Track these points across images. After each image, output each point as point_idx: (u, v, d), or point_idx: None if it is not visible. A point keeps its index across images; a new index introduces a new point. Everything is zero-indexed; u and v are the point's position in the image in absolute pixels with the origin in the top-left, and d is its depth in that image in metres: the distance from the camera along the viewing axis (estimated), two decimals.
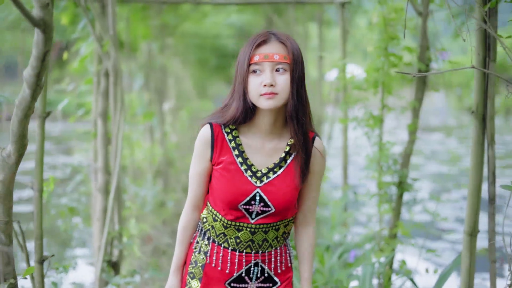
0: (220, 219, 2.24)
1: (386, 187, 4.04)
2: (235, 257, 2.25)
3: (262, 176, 2.20)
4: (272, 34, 2.16)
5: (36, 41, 1.68)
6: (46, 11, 1.62)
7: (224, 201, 2.19)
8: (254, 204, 2.19)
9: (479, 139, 3.08)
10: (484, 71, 2.90)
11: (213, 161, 2.22)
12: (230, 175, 2.19)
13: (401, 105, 4.17)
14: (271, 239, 2.27)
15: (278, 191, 2.20)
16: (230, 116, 2.17)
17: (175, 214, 7.68)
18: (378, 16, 3.99)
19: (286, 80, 2.09)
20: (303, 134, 2.18)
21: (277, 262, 2.31)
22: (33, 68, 1.73)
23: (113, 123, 4.15)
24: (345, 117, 4.93)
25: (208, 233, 2.29)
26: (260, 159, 2.22)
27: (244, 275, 2.27)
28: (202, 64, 16.46)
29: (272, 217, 2.22)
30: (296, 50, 2.14)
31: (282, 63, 2.09)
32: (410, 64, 4.00)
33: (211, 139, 2.20)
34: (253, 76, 2.10)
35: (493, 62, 3.03)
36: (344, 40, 5.24)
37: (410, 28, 4.13)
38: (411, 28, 4.13)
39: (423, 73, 2.88)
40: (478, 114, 3.07)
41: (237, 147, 2.21)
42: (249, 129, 2.23)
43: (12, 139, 1.97)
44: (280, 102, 2.09)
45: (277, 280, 2.32)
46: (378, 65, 3.97)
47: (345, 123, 4.69)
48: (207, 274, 2.27)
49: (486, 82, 3.06)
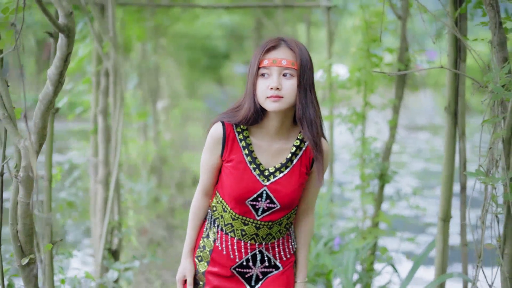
0: (229, 211, 2.38)
1: (368, 179, 4.34)
2: (241, 246, 2.39)
3: (269, 175, 2.34)
4: (282, 40, 2.28)
5: (60, 44, 1.95)
6: (69, 19, 1.90)
7: (232, 196, 2.34)
8: (260, 200, 2.33)
9: (451, 133, 3.38)
10: (453, 71, 3.19)
11: (223, 158, 2.35)
12: (239, 173, 2.32)
13: (383, 102, 4.47)
14: (274, 233, 2.42)
15: (283, 190, 2.34)
16: (242, 116, 2.28)
17: (169, 209, 7.97)
18: (361, 19, 4.29)
19: (292, 85, 2.21)
20: (317, 135, 2.29)
21: (280, 250, 2.45)
22: (57, 67, 2.00)
23: (113, 119, 4.42)
24: (331, 114, 5.22)
25: (217, 221, 2.43)
26: (268, 158, 2.36)
27: (249, 261, 2.42)
28: (192, 64, 16.63)
29: (277, 213, 2.36)
30: (305, 57, 2.25)
31: (290, 69, 2.21)
32: (390, 64, 4.29)
33: (222, 138, 2.32)
34: (261, 79, 2.23)
35: (463, 63, 3.34)
36: (330, 41, 5.53)
37: (391, 31, 4.43)
38: (391, 31, 4.42)
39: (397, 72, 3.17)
40: (450, 110, 3.37)
41: (247, 147, 2.33)
42: (258, 130, 2.35)
43: (34, 130, 2.23)
44: (284, 105, 2.21)
45: (280, 265, 2.46)
46: (360, 65, 4.26)
47: (331, 119, 4.98)
48: (214, 259, 2.42)
49: (457, 81, 3.36)
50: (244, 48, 17.41)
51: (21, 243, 2.38)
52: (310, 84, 2.26)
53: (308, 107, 2.24)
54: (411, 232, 6.52)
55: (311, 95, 2.25)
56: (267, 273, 2.46)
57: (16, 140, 2.28)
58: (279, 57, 2.23)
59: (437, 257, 3.46)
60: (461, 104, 3.37)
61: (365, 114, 4.39)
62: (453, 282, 4.24)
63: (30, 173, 2.33)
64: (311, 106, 2.24)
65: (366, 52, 4.23)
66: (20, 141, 2.27)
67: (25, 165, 2.29)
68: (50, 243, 3.10)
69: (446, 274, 3.39)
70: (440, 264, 3.46)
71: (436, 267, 3.47)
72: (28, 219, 2.37)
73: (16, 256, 2.39)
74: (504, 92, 2.44)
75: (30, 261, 2.40)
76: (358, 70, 4.30)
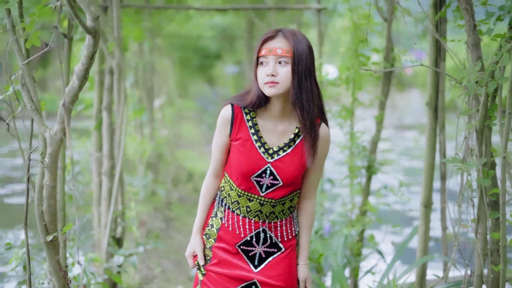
0: (235, 189, 2.56)
1: (356, 170, 4.64)
2: (246, 223, 2.56)
3: (273, 153, 2.53)
4: (280, 31, 2.46)
5: (87, 44, 2.23)
6: (96, 22, 2.18)
7: (239, 172, 2.52)
8: (264, 177, 2.51)
9: (432, 126, 3.70)
10: (433, 69, 3.50)
11: (231, 137, 2.55)
12: (246, 150, 2.52)
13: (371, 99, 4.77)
14: (277, 212, 2.57)
15: (286, 167, 2.51)
16: (249, 100, 2.49)
17: (166, 203, 8.27)
18: (349, 21, 4.59)
19: (287, 72, 2.40)
20: (309, 120, 2.45)
21: (282, 231, 2.60)
22: (83, 64, 2.28)
23: (116, 115, 4.70)
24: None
25: (225, 200, 2.61)
26: (273, 138, 2.54)
27: (253, 238, 2.57)
28: (184, 64, 16.86)
29: (279, 190, 2.53)
30: (301, 45, 2.41)
31: (284, 57, 2.40)
32: (377, 63, 4.59)
33: (231, 118, 2.53)
34: (260, 67, 2.44)
35: (443, 62, 3.65)
36: (320, 42, 5.83)
37: (378, 32, 4.73)
38: (378, 32, 4.73)
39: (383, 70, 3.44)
40: (431, 106, 3.68)
41: (253, 127, 2.53)
42: (264, 113, 2.54)
43: (59, 121, 2.50)
44: (280, 90, 2.41)
45: (282, 246, 2.61)
46: (349, 64, 4.56)
47: None
48: (220, 237, 2.60)
49: (438, 79, 3.67)
50: (235, 48, 17.65)
51: (46, 222, 2.66)
52: (306, 71, 2.41)
53: (302, 93, 2.41)
54: (399, 224, 6.81)
55: (306, 82, 2.41)
56: (269, 253, 2.60)
57: (42, 129, 2.56)
58: (275, 46, 2.42)
59: (419, 241, 3.76)
60: (441, 100, 3.68)
61: (354, 110, 4.69)
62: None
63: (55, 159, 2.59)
64: (305, 92, 2.41)
65: (354, 52, 4.52)
66: (46, 130, 2.54)
67: (50, 152, 2.56)
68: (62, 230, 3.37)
69: (427, 256, 3.70)
70: (422, 247, 3.76)
71: (419, 250, 3.78)
72: (52, 200, 2.65)
73: (42, 233, 2.66)
74: (477, 88, 2.75)
75: (54, 238, 2.68)
76: (347, 69, 4.59)
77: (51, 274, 2.73)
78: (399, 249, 4.07)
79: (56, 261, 2.72)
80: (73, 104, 2.47)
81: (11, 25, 2.54)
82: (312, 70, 2.45)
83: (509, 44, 2.61)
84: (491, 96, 2.83)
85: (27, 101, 2.57)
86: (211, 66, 20.20)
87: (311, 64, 2.45)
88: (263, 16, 9.27)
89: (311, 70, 2.44)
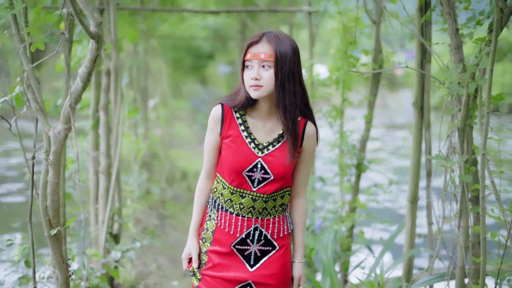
0: (228, 187, 2.63)
1: (346, 168, 4.79)
2: (239, 221, 2.62)
3: (263, 148, 2.60)
4: (264, 35, 2.54)
5: (91, 48, 2.37)
6: (99, 28, 2.32)
7: (231, 168, 2.60)
8: (256, 171, 2.59)
9: (418, 125, 3.85)
10: (418, 71, 3.65)
11: (222, 135, 2.63)
12: (237, 146, 2.60)
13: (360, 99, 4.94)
14: (269, 208, 2.64)
15: (276, 161, 2.59)
16: (238, 100, 2.59)
17: (160, 201, 8.42)
18: (339, 23, 4.75)
19: (270, 76, 2.48)
20: (291, 120, 2.53)
21: (275, 228, 2.66)
22: (87, 67, 2.42)
23: (113, 114, 4.84)
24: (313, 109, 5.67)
25: (218, 200, 2.67)
26: (262, 135, 2.62)
27: (246, 238, 2.63)
28: (177, 64, 16.96)
29: (271, 185, 2.60)
30: (284, 49, 2.49)
31: (267, 61, 2.48)
32: (365, 64, 4.74)
33: (221, 117, 2.62)
34: (246, 71, 2.54)
35: (428, 63, 3.80)
36: (311, 43, 5.98)
37: (366, 34, 4.89)
38: (367, 34, 4.89)
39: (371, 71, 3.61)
40: (417, 105, 3.83)
41: (243, 124, 2.62)
42: (253, 112, 2.63)
43: (62, 120, 2.64)
44: (264, 93, 2.51)
45: (276, 244, 2.67)
46: (339, 65, 4.72)
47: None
48: (216, 238, 2.66)
49: (423, 80, 3.82)
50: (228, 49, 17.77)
51: (50, 216, 2.79)
52: (289, 74, 2.50)
53: (284, 95, 2.50)
54: (388, 222, 6.98)
55: (289, 84, 2.50)
56: (264, 252, 2.66)
57: (46, 128, 2.69)
58: (259, 51, 2.50)
59: (406, 235, 3.92)
60: (426, 99, 3.84)
61: (343, 109, 4.85)
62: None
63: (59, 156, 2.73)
64: (287, 94, 2.50)
65: (344, 54, 4.68)
66: (50, 129, 2.68)
67: (54, 150, 2.70)
68: (63, 226, 3.51)
69: (413, 250, 3.85)
70: (409, 241, 3.92)
71: (405, 244, 3.93)
72: (56, 196, 2.79)
73: (46, 227, 2.79)
74: (458, 88, 2.90)
75: (58, 232, 2.82)
76: (337, 70, 4.75)
77: (55, 267, 2.87)
78: (386, 243, 4.22)
79: (59, 254, 2.85)
80: (76, 104, 2.61)
81: (17, 29, 2.67)
82: (296, 72, 2.53)
83: (488, 47, 2.76)
84: (472, 96, 2.99)
85: (32, 101, 2.70)
86: (204, 66, 20.32)
87: (295, 66, 2.53)
88: (256, 18, 9.42)
89: (295, 72, 2.53)
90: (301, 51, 2.67)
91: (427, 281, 3.40)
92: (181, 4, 9.71)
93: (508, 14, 2.72)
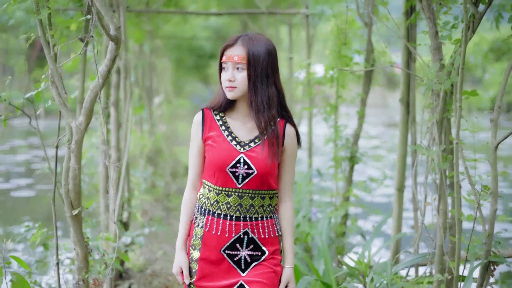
0: (213, 188, 2.65)
1: (340, 160, 5.15)
2: (226, 225, 2.63)
3: (245, 145, 2.64)
4: (239, 38, 2.62)
5: (110, 49, 2.72)
6: (118, 32, 2.67)
7: (214, 165, 2.63)
8: (239, 167, 2.61)
9: (404, 119, 4.20)
10: (403, 70, 4.00)
11: (203, 138, 2.69)
12: (218, 144, 2.64)
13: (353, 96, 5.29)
14: (257, 206, 2.65)
15: (258, 156, 2.61)
16: (216, 102, 2.71)
17: (165, 194, 8.81)
18: (333, 26, 5.09)
19: (243, 77, 2.57)
20: (263, 120, 2.60)
21: (264, 232, 2.67)
22: (107, 66, 2.77)
23: (123, 110, 5.19)
24: (310, 106, 6.02)
25: (204, 205, 2.69)
26: (243, 133, 2.67)
27: (236, 242, 2.64)
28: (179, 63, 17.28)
29: (255, 180, 2.62)
30: (258, 52, 2.57)
31: (240, 63, 2.57)
32: (358, 64, 5.09)
33: (201, 121, 2.70)
34: (223, 72, 2.64)
35: (413, 63, 4.14)
36: (308, 44, 6.33)
37: (359, 36, 5.24)
38: (360, 36, 5.23)
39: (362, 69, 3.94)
40: (403, 101, 4.17)
41: (224, 124, 2.68)
42: (232, 113, 2.71)
43: (84, 113, 2.98)
44: (238, 93, 2.60)
45: (265, 249, 2.68)
46: (333, 64, 5.06)
47: (309, 110, 5.80)
48: (205, 244, 2.66)
49: (409, 78, 4.16)
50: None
51: (71, 199, 3.15)
52: (262, 75, 2.58)
53: (257, 96, 2.58)
54: (381, 214, 7.34)
55: (261, 85, 2.58)
56: (254, 257, 2.67)
57: (69, 120, 3.04)
58: (232, 53, 2.59)
59: (394, 220, 4.27)
60: (412, 96, 4.18)
61: (338, 106, 5.20)
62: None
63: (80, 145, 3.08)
64: (260, 95, 2.58)
65: (338, 54, 5.02)
66: (72, 121, 3.03)
67: (76, 139, 3.05)
68: (79, 211, 3.85)
69: (400, 233, 4.20)
70: (396, 226, 4.27)
71: (393, 228, 4.28)
72: (77, 180, 3.14)
73: (68, 209, 3.14)
74: (435, 84, 3.25)
75: (78, 213, 3.17)
76: (331, 68, 5.10)
77: (75, 244, 3.22)
78: (376, 228, 4.57)
79: (80, 232, 3.20)
80: (95, 99, 2.96)
81: (42, 32, 3.02)
82: (270, 73, 2.61)
83: (460, 48, 3.09)
84: (449, 92, 3.33)
85: (56, 96, 3.05)
86: (205, 65, 20.58)
87: (270, 68, 2.60)
88: (256, 19, 9.75)
89: (269, 74, 2.60)
90: (299, 51, 2.96)
91: (411, 261, 3.73)
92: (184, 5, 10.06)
93: (479, 19, 3.05)
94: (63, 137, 3.17)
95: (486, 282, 3.12)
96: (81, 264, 3.23)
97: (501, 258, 3.04)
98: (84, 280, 3.21)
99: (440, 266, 3.43)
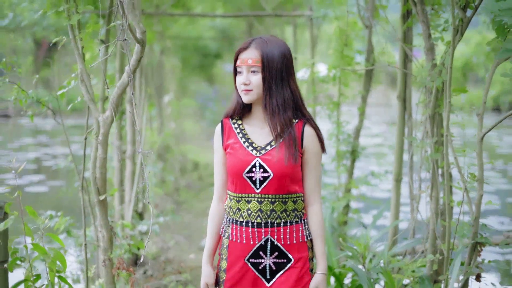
0: (234, 196, 2.66)
1: (342, 154, 5.48)
2: (249, 233, 2.61)
3: (261, 149, 2.62)
4: (253, 41, 2.62)
5: (137, 51, 3.05)
6: (143, 35, 3.00)
7: (232, 173, 2.64)
8: (255, 171, 2.59)
9: (401, 115, 4.51)
10: (400, 69, 4.32)
11: (224, 147, 2.71)
12: (235, 151, 2.65)
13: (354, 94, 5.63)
14: (279, 211, 2.62)
15: (273, 158, 2.58)
16: (232, 108, 2.73)
17: (175, 189, 9.19)
18: (336, 27, 5.43)
19: (258, 80, 2.58)
20: (279, 122, 2.59)
21: (286, 238, 2.62)
22: (133, 65, 3.10)
23: (138, 107, 5.53)
24: (314, 103, 6.36)
25: (228, 215, 2.70)
26: (259, 138, 2.66)
27: (259, 250, 2.62)
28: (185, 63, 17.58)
29: (273, 183, 2.58)
30: (272, 54, 2.57)
31: (255, 66, 2.57)
32: (359, 63, 5.42)
33: (221, 131, 2.73)
34: (238, 76, 2.65)
35: (410, 62, 4.46)
36: (313, 44, 6.66)
37: (361, 37, 5.58)
38: (361, 37, 5.57)
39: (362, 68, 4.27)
40: (400, 98, 4.49)
41: (241, 131, 2.70)
42: (249, 119, 2.72)
43: (110, 107, 3.32)
44: (254, 96, 2.60)
45: (291, 257, 2.63)
46: (336, 64, 5.40)
47: (313, 107, 6.13)
48: (231, 253, 2.66)
49: (406, 76, 4.48)
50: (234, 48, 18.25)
51: (98, 186, 3.48)
52: (277, 77, 2.58)
53: (272, 98, 2.58)
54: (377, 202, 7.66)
55: (276, 87, 2.58)
56: (279, 265, 2.64)
57: (97, 114, 3.38)
58: (247, 57, 2.60)
59: (392, 208, 4.59)
60: (409, 93, 4.50)
61: (340, 103, 5.53)
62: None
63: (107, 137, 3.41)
64: (275, 97, 2.58)
65: (340, 54, 5.35)
66: (100, 115, 3.36)
67: (103, 131, 3.38)
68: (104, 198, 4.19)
69: (397, 220, 4.52)
70: (394, 213, 4.59)
71: (391, 215, 4.60)
72: (104, 169, 3.48)
73: (95, 194, 3.48)
74: (427, 81, 3.58)
75: (104, 199, 3.50)
76: (334, 68, 5.44)
77: (101, 227, 3.55)
78: (375, 217, 4.89)
79: (105, 216, 3.53)
80: (121, 95, 3.29)
81: (73, 35, 3.36)
82: (285, 75, 2.60)
83: (449, 49, 3.42)
84: (441, 89, 3.66)
85: (85, 93, 3.39)
86: (211, 65, 20.86)
87: (284, 70, 2.60)
88: (262, 19, 10.06)
89: (284, 76, 2.60)
90: (303, 51, 3.23)
91: (407, 244, 4.06)
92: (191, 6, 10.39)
93: (467, 23, 3.37)
94: (91, 131, 3.50)
95: (474, 262, 3.44)
96: (106, 245, 3.56)
97: (487, 239, 3.37)
98: (110, 259, 3.54)
99: (433, 248, 3.76)
